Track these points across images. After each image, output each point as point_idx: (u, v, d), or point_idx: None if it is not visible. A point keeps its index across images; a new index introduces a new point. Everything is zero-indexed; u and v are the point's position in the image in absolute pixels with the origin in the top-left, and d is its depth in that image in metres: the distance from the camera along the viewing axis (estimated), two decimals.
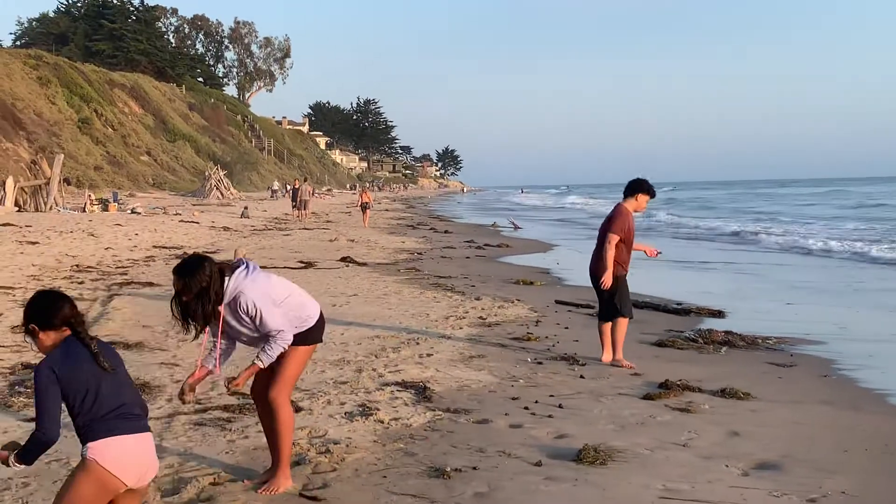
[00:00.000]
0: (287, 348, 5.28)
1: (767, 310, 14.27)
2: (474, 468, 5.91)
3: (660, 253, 10.47)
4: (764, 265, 22.97)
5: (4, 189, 34.39)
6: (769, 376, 9.16)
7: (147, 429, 4.00)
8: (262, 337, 5.25)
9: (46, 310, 3.95)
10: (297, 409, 7.30)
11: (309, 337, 5.48)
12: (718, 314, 13.41)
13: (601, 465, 6.04)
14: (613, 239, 9.50)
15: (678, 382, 8.48)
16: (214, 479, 5.61)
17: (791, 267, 22.54)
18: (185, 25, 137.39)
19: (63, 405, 3.84)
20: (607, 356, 9.69)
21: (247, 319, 5.19)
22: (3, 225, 25.69)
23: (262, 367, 5.27)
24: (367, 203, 40.14)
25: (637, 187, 9.74)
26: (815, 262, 23.87)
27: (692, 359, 10.03)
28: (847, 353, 10.54)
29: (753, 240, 33.05)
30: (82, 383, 3.83)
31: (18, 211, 33.50)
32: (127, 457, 3.85)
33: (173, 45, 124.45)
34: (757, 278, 19.75)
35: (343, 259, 21.30)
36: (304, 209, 41.69)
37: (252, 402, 5.92)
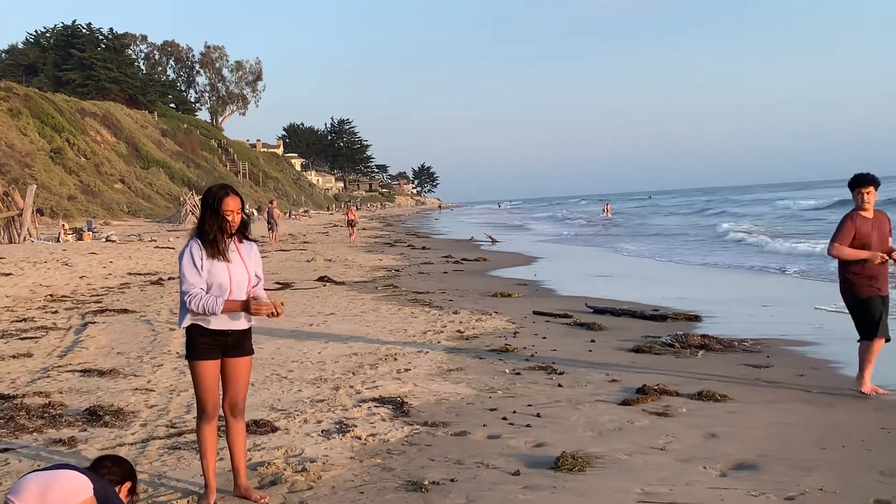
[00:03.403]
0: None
1: (743, 312, 14.34)
2: (452, 480, 5.87)
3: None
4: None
5: None
6: (746, 378, 9.19)
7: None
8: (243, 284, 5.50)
9: None
10: (274, 429, 7.25)
11: None
12: (695, 318, 13.46)
13: (579, 472, 6.02)
14: (834, 248, 8.29)
15: (655, 387, 8.48)
16: (188, 502, 5.54)
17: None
18: (155, 52, 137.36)
19: None
20: (863, 385, 8.36)
21: (255, 259, 5.60)
22: None
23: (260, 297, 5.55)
24: (353, 220, 42.71)
25: (850, 185, 8.40)
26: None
27: (669, 363, 10.04)
28: (823, 352, 10.60)
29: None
30: None
31: None
32: None
33: (144, 71, 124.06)
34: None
35: (320, 279, 21.24)
36: (275, 230, 40.84)
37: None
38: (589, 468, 6.10)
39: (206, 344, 5.40)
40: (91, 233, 40.21)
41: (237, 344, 5.50)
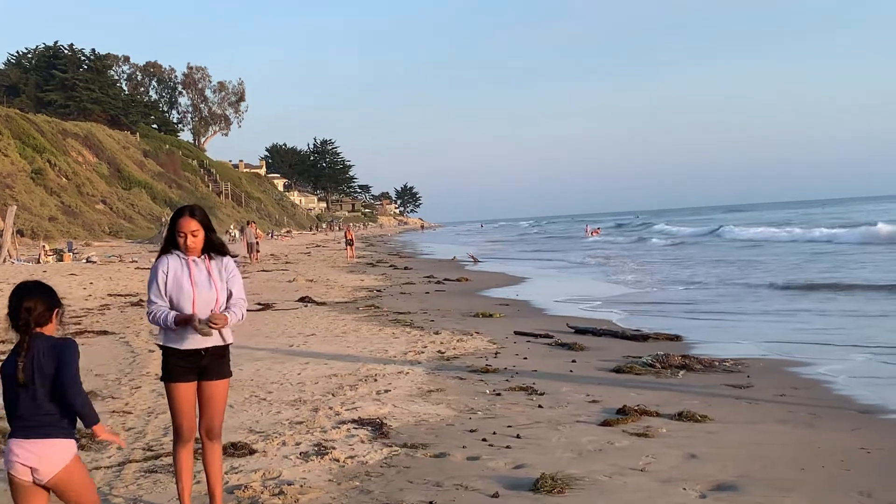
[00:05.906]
0: (243, 320, 5.55)
1: (724, 332, 14.39)
2: (430, 503, 5.83)
3: None
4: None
5: None
6: (726, 398, 9.19)
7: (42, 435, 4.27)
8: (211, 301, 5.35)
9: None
10: (251, 452, 7.19)
11: None
12: (675, 338, 13.48)
13: (559, 494, 5.99)
14: None
15: (636, 408, 8.47)
16: None
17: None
18: (137, 72, 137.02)
19: None
20: None
21: (222, 277, 5.43)
22: None
23: (232, 320, 5.37)
24: (351, 239, 46.99)
25: None
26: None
27: (650, 383, 10.03)
28: (804, 372, 10.64)
29: None
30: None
31: None
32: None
33: (126, 92, 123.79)
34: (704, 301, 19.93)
35: (302, 299, 21.17)
36: (253, 252, 40.06)
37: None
38: (568, 490, 6.07)
39: (179, 366, 5.35)
40: (72, 254, 39.99)
41: (213, 367, 5.43)
